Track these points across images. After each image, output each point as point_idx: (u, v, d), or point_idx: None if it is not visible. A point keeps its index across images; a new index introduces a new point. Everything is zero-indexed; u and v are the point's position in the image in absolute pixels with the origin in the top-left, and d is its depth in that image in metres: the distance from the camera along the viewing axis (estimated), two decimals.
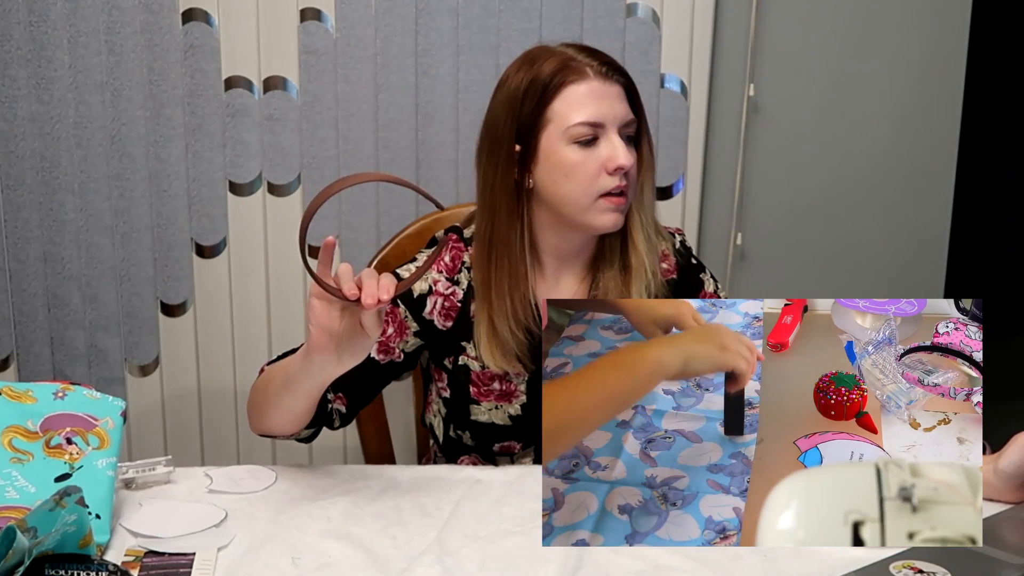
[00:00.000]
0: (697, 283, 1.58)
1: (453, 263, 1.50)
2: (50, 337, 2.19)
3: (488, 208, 1.45)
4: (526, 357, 1.47)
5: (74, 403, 1.26)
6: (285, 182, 2.19)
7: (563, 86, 1.41)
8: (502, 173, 1.43)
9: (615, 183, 1.41)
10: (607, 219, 1.43)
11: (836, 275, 2.37)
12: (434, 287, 1.49)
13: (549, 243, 1.49)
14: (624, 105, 1.43)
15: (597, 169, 1.41)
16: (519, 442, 1.51)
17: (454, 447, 1.54)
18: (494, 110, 1.46)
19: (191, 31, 2.09)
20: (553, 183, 1.42)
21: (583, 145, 1.40)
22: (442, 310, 1.49)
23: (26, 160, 2.09)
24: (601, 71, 1.42)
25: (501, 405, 1.50)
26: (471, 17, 2.12)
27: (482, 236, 1.46)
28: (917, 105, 2.31)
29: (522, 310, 1.45)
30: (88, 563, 1.06)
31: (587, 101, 1.40)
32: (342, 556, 1.19)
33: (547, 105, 1.41)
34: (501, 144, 1.43)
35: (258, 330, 2.25)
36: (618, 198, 1.42)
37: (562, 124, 1.40)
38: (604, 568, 1.17)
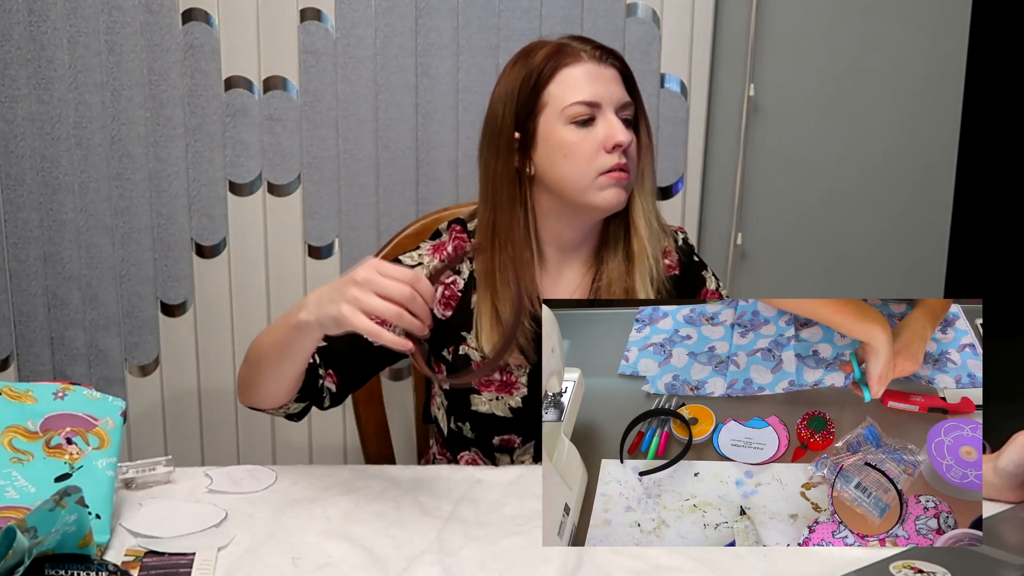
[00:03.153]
0: (699, 280, 1.58)
1: (455, 253, 1.51)
2: (50, 337, 2.19)
3: (490, 197, 1.46)
4: (529, 346, 1.47)
5: (74, 403, 1.26)
6: (285, 182, 2.19)
7: (558, 69, 1.42)
8: (502, 161, 1.44)
9: (614, 160, 1.42)
10: (608, 195, 1.43)
11: (836, 275, 2.37)
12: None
13: (552, 232, 1.49)
14: (620, 88, 1.44)
15: (595, 148, 1.41)
16: (519, 436, 1.51)
17: (456, 440, 1.55)
18: (493, 104, 1.47)
19: (191, 31, 2.09)
20: (552, 165, 1.43)
21: (580, 125, 1.42)
22: (442, 299, 1.50)
23: (26, 160, 2.09)
24: (595, 55, 1.43)
25: (502, 396, 1.50)
26: (471, 17, 2.12)
27: (485, 225, 1.47)
28: (917, 105, 2.31)
29: (527, 297, 1.46)
30: (88, 563, 1.06)
31: (583, 81, 1.42)
32: (342, 556, 1.19)
33: (543, 89, 1.42)
34: (500, 133, 1.44)
35: (258, 330, 2.22)
36: (619, 173, 1.42)
37: (559, 105, 1.42)
38: (604, 568, 1.17)
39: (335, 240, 2.22)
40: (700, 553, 1.19)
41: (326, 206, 2.19)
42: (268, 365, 1.37)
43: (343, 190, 2.18)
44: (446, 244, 1.52)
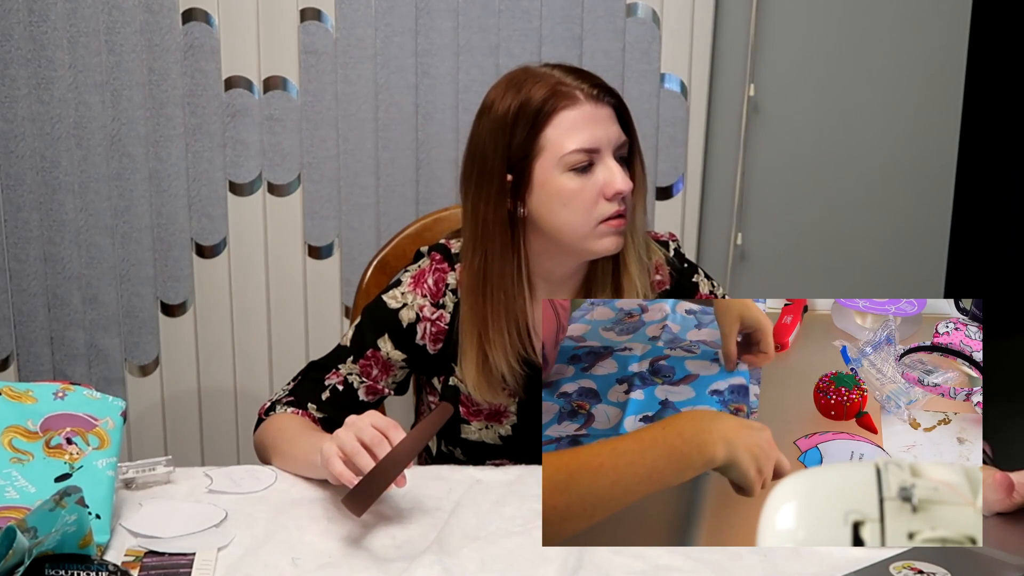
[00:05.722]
0: (691, 288, 1.56)
1: (436, 287, 1.47)
2: (50, 337, 2.19)
3: (481, 242, 1.41)
4: (521, 388, 1.46)
5: (74, 403, 1.26)
6: (285, 182, 2.19)
7: (555, 112, 1.36)
8: (495, 205, 1.39)
9: (614, 208, 1.38)
10: (607, 243, 1.40)
11: (836, 275, 2.37)
12: (421, 313, 1.46)
13: (543, 268, 1.46)
14: (616, 127, 1.40)
15: (595, 196, 1.38)
16: (511, 460, 1.50)
17: (446, 462, 1.54)
18: (480, 137, 1.41)
19: (191, 31, 2.09)
20: (550, 212, 1.39)
21: (579, 172, 1.37)
22: (431, 335, 1.48)
23: (26, 160, 2.09)
24: (592, 94, 1.38)
25: (491, 425, 1.50)
26: (471, 17, 2.11)
27: (476, 271, 1.42)
28: (917, 105, 2.31)
29: (520, 342, 1.44)
30: (88, 563, 1.06)
31: (580, 127, 1.36)
32: (342, 556, 1.19)
33: (539, 133, 1.37)
34: (492, 175, 1.39)
35: (258, 330, 2.25)
36: (618, 220, 1.39)
37: (556, 152, 1.37)
38: (604, 568, 1.17)
39: (335, 240, 2.22)
40: (700, 553, 1.19)
41: (326, 206, 2.19)
42: (287, 467, 1.40)
43: (343, 190, 2.18)
44: (426, 274, 1.48)
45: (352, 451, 1.22)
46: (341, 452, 1.22)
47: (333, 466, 1.22)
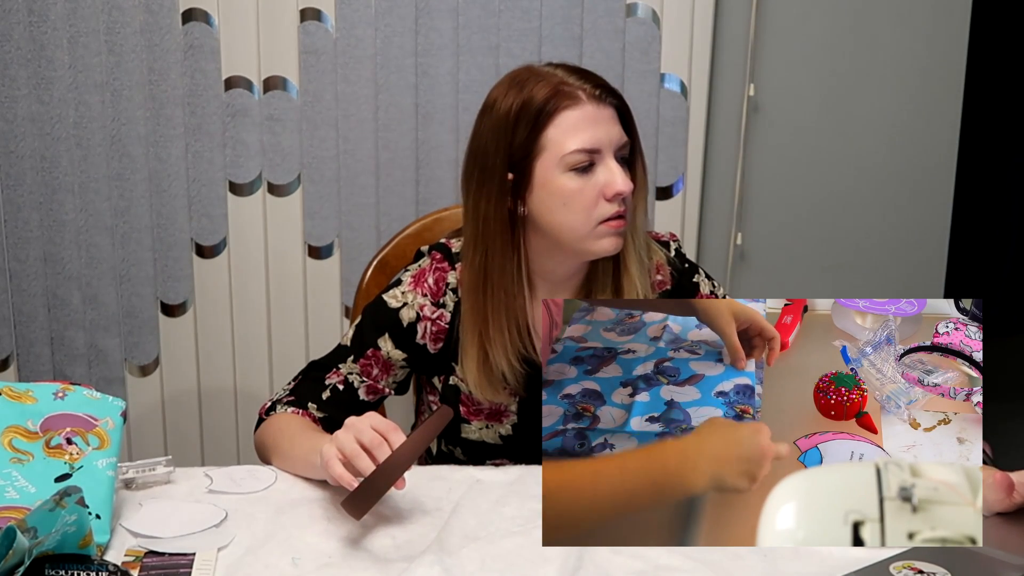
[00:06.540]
0: (691, 288, 1.56)
1: (437, 286, 1.47)
2: (50, 337, 2.20)
3: (481, 240, 1.42)
4: (521, 387, 1.47)
5: (74, 403, 1.26)
6: (285, 182, 2.19)
7: (556, 112, 1.37)
8: (496, 203, 1.40)
9: (614, 209, 1.39)
10: (607, 244, 1.41)
11: (836, 275, 2.37)
12: (421, 312, 1.47)
13: (543, 268, 1.46)
14: (618, 128, 1.40)
15: (595, 196, 1.38)
16: (511, 460, 1.50)
17: (446, 462, 1.54)
18: (482, 136, 1.41)
19: (191, 31, 2.09)
20: (550, 211, 1.39)
21: (580, 172, 1.37)
22: (431, 335, 1.48)
23: (26, 160, 2.09)
24: (594, 94, 1.38)
25: (492, 425, 1.50)
26: (471, 17, 2.12)
27: (476, 269, 1.43)
28: (917, 105, 2.31)
29: (520, 340, 1.44)
30: (88, 563, 1.06)
31: (582, 127, 1.36)
32: (342, 556, 1.19)
33: (541, 132, 1.37)
34: (493, 173, 1.39)
35: (258, 330, 2.25)
36: (618, 221, 1.40)
37: (557, 152, 1.37)
38: (604, 568, 1.17)
39: (335, 240, 2.22)
40: (700, 553, 1.19)
41: (326, 206, 2.19)
42: (287, 467, 1.40)
43: (343, 190, 2.18)
44: (427, 274, 1.48)
45: (352, 453, 1.22)
46: (341, 454, 1.22)
47: (332, 468, 1.22)
